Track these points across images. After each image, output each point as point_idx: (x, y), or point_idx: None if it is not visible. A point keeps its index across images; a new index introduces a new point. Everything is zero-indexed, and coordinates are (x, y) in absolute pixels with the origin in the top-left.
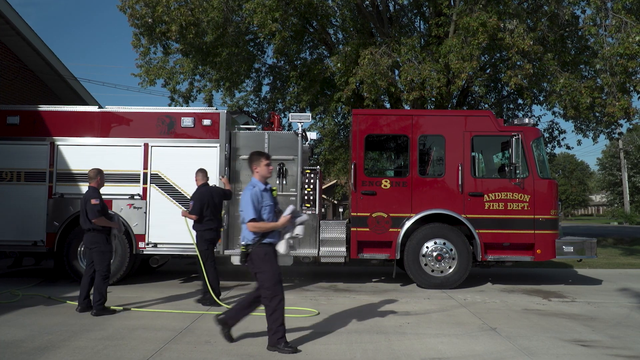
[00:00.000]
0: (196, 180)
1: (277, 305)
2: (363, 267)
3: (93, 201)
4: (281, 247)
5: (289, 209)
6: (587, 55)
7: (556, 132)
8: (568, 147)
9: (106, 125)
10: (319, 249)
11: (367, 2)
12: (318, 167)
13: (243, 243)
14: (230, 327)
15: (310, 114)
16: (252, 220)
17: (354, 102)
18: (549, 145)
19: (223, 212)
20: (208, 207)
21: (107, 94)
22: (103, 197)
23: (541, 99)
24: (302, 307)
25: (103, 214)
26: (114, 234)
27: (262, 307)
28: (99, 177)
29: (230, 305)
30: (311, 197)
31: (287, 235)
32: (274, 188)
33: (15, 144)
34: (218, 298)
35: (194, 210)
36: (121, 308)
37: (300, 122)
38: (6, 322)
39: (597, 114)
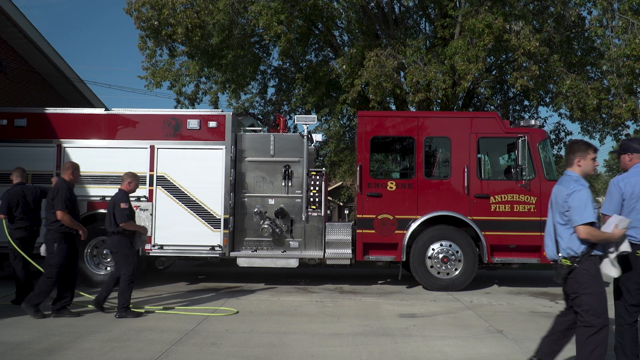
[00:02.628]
0: (12, 179)
1: (604, 338)
2: (369, 269)
3: (122, 205)
4: (611, 269)
5: (616, 218)
6: (593, 57)
7: (563, 134)
8: None
9: (113, 128)
10: (324, 250)
11: (373, 4)
12: (324, 169)
13: (562, 255)
14: None
15: (315, 116)
16: (590, 224)
17: (360, 103)
18: (555, 146)
19: (227, 215)
20: (18, 206)
21: (113, 96)
22: (108, 199)
23: (547, 100)
24: (306, 308)
25: (131, 217)
26: (143, 239)
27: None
28: (129, 180)
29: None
30: (317, 199)
31: (613, 254)
32: None
33: (22, 146)
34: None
35: (1, 209)
36: (143, 310)
37: (306, 124)
38: (14, 324)
39: (604, 116)
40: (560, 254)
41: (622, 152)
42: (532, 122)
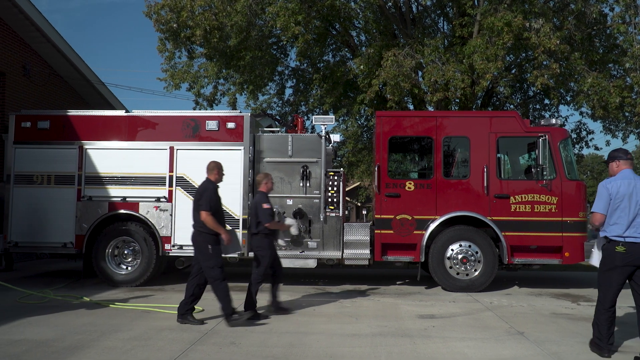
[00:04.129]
0: None
1: None
2: (387, 270)
3: (265, 206)
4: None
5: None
6: (616, 54)
7: (584, 133)
8: (596, 148)
9: (133, 129)
10: (342, 251)
11: (390, 4)
12: (341, 169)
13: None
14: None
15: (333, 116)
16: None
17: (377, 104)
18: (576, 146)
19: (246, 215)
20: None
21: (133, 98)
22: (128, 199)
23: (568, 99)
24: (325, 309)
25: (273, 217)
26: (297, 234)
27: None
28: (265, 181)
29: None
30: (335, 200)
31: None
32: None
33: (45, 148)
34: None
35: None
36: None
37: (324, 125)
38: (37, 322)
39: (627, 114)
40: None
41: (610, 161)
42: (553, 121)
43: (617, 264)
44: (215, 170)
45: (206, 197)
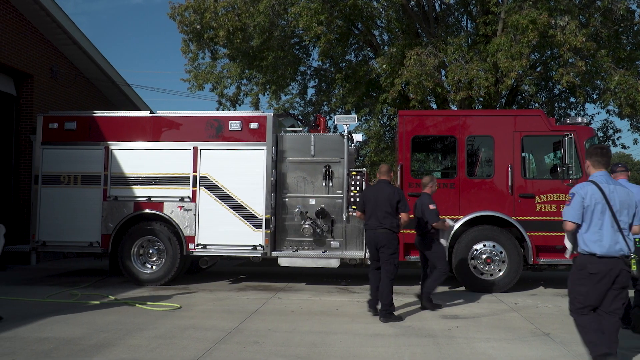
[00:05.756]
0: None
1: None
2: (410, 270)
3: (431, 207)
4: None
5: None
6: None
7: (611, 131)
8: (624, 147)
9: (157, 130)
10: (365, 251)
11: (413, 3)
12: (364, 168)
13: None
14: None
15: (355, 116)
16: None
17: (400, 103)
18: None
19: (268, 215)
20: None
21: (157, 98)
22: (153, 199)
23: (595, 97)
24: (347, 308)
25: (439, 217)
26: (448, 232)
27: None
28: (430, 184)
29: None
30: (357, 199)
31: None
32: None
33: (72, 148)
34: None
35: None
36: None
37: (346, 124)
38: (65, 321)
39: None
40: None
41: None
42: (579, 119)
43: None
44: (391, 172)
45: (405, 199)
